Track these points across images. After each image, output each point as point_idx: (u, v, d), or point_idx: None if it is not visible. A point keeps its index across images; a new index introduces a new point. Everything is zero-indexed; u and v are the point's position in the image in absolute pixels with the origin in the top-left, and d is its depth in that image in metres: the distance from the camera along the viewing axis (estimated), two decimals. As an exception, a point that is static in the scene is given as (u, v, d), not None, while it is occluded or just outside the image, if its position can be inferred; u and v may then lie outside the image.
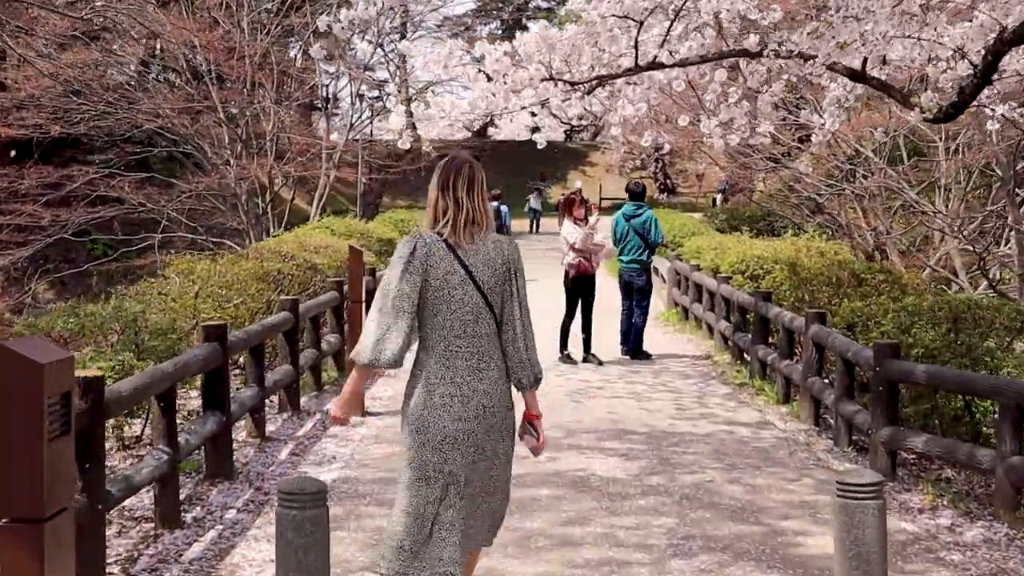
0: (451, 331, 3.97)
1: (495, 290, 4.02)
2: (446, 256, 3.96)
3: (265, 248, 10.68)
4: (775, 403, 9.69)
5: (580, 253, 11.52)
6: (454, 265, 3.95)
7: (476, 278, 3.98)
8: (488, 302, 4.00)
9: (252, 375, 7.69)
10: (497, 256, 4.04)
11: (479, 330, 4.00)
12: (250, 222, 24.64)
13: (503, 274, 4.04)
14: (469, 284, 3.97)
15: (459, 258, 3.96)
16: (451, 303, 3.95)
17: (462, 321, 3.97)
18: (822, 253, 12.38)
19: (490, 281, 4.01)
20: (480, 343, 4.00)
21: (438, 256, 3.95)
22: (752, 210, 31.68)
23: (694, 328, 14.59)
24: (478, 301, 3.98)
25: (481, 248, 4.01)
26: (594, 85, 9.94)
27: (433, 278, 3.94)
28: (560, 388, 10.18)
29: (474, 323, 3.98)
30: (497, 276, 4.02)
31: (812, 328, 8.71)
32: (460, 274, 3.96)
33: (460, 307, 3.96)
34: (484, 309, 4.00)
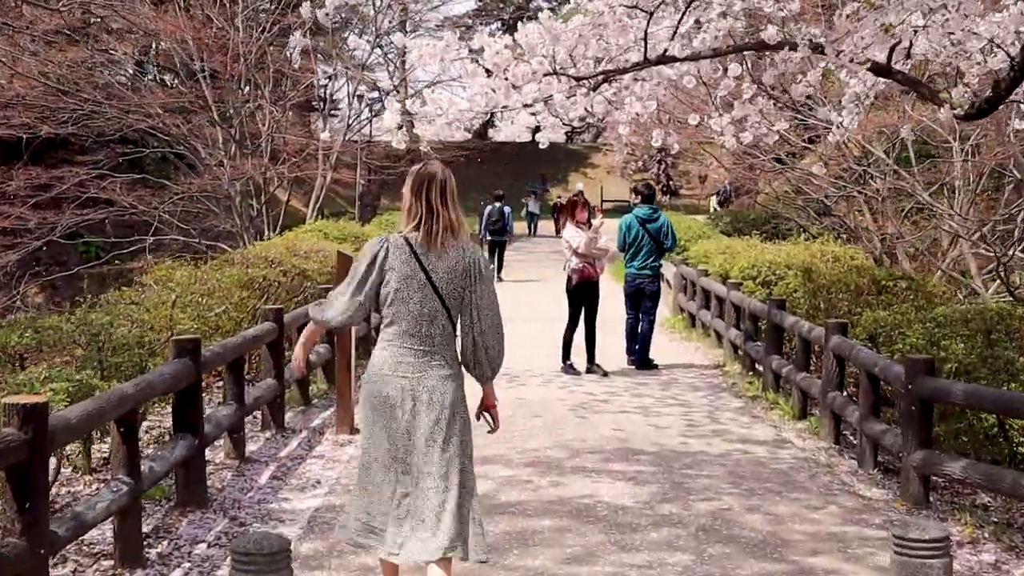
0: (407, 330, 4.22)
1: (453, 295, 4.26)
2: (408, 260, 4.21)
3: (251, 253, 10.10)
4: (791, 418, 9.11)
5: (583, 258, 10.95)
6: (415, 269, 4.20)
7: (435, 283, 4.22)
8: (445, 305, 4.25)
9: (231, 392, 7.12)
10: (459, 263, 4.26)
11: (433, 331, 4.25)
12: (244, 224, 24.07)
13: (463, 281, 4.27)
14: (428, 288, 4.21)
15: (420, 262, 4.21)
16: (409, 304, 4.20)
17: (418, 322, 4.22)
18: (837, 258, 11.81)
19: (449, 287, 4.24)
20: (434, 342, 4.26)
21: (401, 260, 4.21)
22: (757, 213, 31.12)
23: (701, 336, 14.01)
24: (436, 304, 4.23)
25: (445, 254, 4.24)
26: (600, 80, 9.37)
27: (396, 279, 4.19)
28: (563, 402, 9.60)
29: (429, 324, 4.24)
30: (456, 282, 4.26)
31: (833, 339, 8.14)
32: (420, 278, 4.20)
33: (418, 308, 4.21)
34: (441, 312, 4.25)
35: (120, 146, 24.38)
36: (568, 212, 11.22)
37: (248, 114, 23.55)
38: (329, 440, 7.96)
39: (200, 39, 22.93)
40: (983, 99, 7.72)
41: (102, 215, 24.06)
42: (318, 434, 8.19)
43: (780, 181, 26.70)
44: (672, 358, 12.48)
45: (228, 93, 23.46)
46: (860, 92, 9.55)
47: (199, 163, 24.40)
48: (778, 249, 12.54)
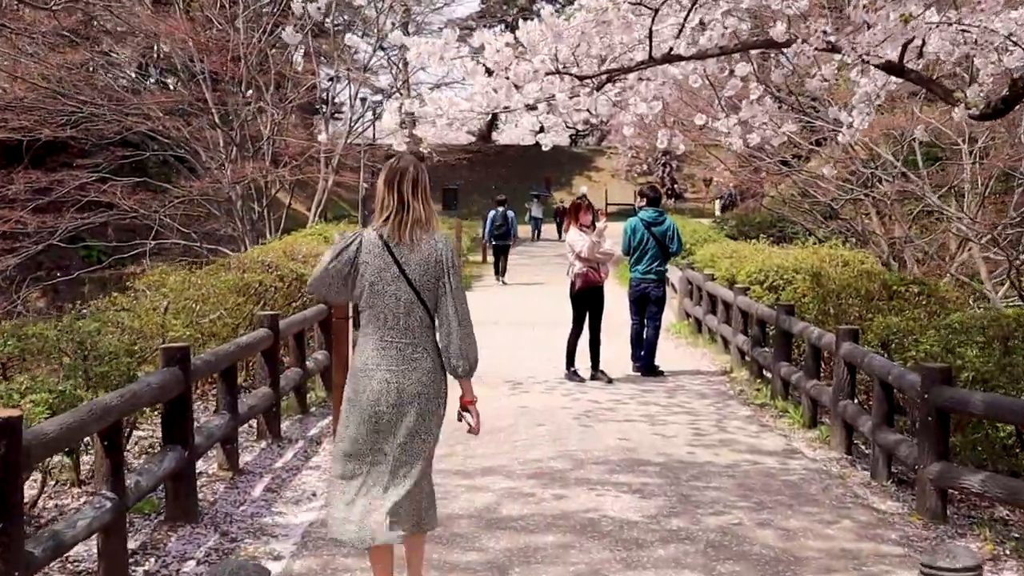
0: (385, 323, 4.31)
1: (428, 286, 4.31)
2: (381, 253, 4.28)
3: (248, 258, 9.87)
4: (801, 427, 8.88)
5: (587, 263, 10.72)
6: (388, 261, 4.27)
7: (408, 275, 4.27)
8: (420, 298, 4.30)
9: (223, 401, 6.90)
10: (431, 255, 4.31)
11: (411, 323, 4.32)
12: (245, 228, 23.87)
13: (435, 272, 4.31)
14: (402, 280, 4.27)
15: (393, 255, 4.27)
16: (384, 297, 4.28)
17: (395, 314, 4.30)
18: (846, 263, 11.58)
19: (422, 278, 4.29)
20: (413, 334, 4.33)
21: (373, 253, 4.29)
22: (762, 216, 30.86)
23: (708, 341, 13.77)
24: (411, 296, 4.29)
25: (417, 247, 4.29)
26: (604, 80, 9.16)
27: (369, 273, 4.28)
28: (567, 410, 9.36)
29: (406, 316, 4.31)
30: (429, 274, 4.30)
31: (844, 346, 7.91)
32: (393, 271, 4.27)
33: (393, 301, 4.28)
34: (416, 304, 4.30)
35: (120, 149, 24.17)
36: (571, 215, 10.99)
37: (249, 117, 23.33)
38: (326, 450, 7.73)
39: (200, 41, 22.75)
40: (999, 99, 7.51)
41: (102, 219, 23.85)
42: (315, 444, 7.96)
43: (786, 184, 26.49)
44: (678, 364, 12.26)
45: (229, 95, 23.25)
46: (871, 92, 9.33)
47: (200, 166, 24.20)
48: (786, 253, 12.30)
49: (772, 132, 10.54)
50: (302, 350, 8.93)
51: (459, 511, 6.19)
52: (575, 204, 11.08)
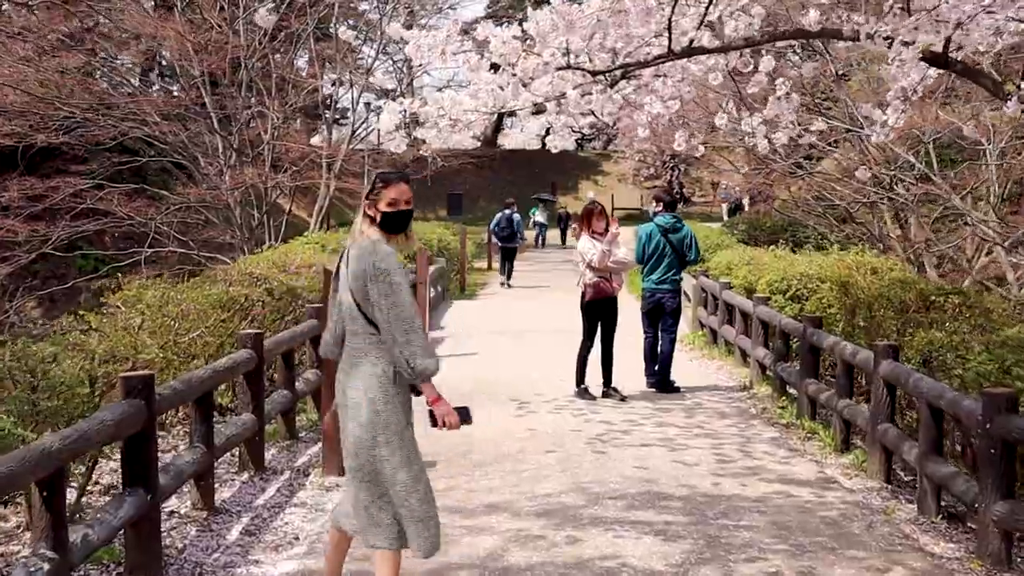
0: (345, 326, 4.51)
1: (360, 294, 4.38)
2: (342, 263, 4.56)
3: (235, 270, 9.18)
4: (833, 451, 8.16)
5: (599, 272, 10.01)
6: (343, 271, 4.51)
7: (349, 282, 4.42)
8: (360, 307, 4.39)
9: (197, 433, 6.19)
10: (359, 264, 4.37)
11: (356, 328, 4.44)
12: (244, 235, 23.19)
13: (363, 281, 4.34)
14: (346, 289, 4.45)
15: (342, 266, 4.54)
16: (340, 305, 4.52)
17: (344, 318, 4.49)
18: (874, 270, 10.84)
19: (355, 285, 4.39)
20: (358, 341, 4.44)
21: (343, 263, 4.54)
22: (773, 220, 30.12)
23: (724, 354, 13.04)
24: (351, 303, 4.43)
25: (353, 255, 4.43)
26: (618, 76, 8.47)
27: (335, 286, 4.60)
28: (578, 434, 8.64)
29: (352, 321, 4.45)
30: (359, 281, 4.36)
31: (884, 365, 7.19)
32: (342, 279, 4.50)
33: (341, 309, 4.51)
34: (356, 311, 4.41)
35: (116, 155, 23.54)
36: (583, 222, 10.27)
37: (246, 121, 22.65)
38: (314, 484, 7.03)
39: (199, 43, 22.10)
40: (1059, 91, 6.80)
41: (97, 227, 23.20)
42: (302, 476, 7.25)
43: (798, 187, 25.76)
44: (694, 379, 11.53)
45: (228, 99, 22.59)
46: (908, 87, 8.62)
47: (197, 172, 23.55)
48: (809, 260, 11.57)
49: (799, 131, 9.84)
50: (291, 370, 8.22)
51: (459, 559, 5.47)
52: (587, 210, 10.36)
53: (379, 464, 4.34)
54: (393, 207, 4.46)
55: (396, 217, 4.47)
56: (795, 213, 24.96)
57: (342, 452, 4.57)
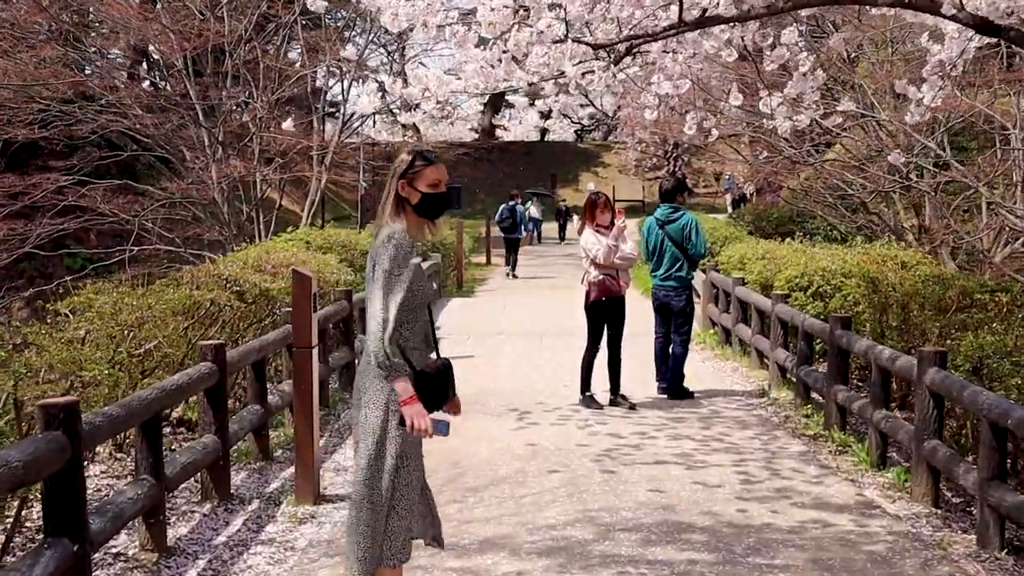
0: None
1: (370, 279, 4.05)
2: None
3: (204, 271, 8.32)
4: (869, 467, 7.31)
5: (604, 269, 9.14)
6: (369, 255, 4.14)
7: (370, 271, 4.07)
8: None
9: (144, 463, 5.33)
10: (374, 249, 4.03)
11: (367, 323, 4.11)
12: (231, 231, 22.32)
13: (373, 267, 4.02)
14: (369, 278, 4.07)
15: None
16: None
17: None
18: (903, 264, 9.98)
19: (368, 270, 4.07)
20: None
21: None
22: (780, 211, 29.23)
23: (738, 354, 12.18)
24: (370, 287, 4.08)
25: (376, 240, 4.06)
26: (623, 52, 7.61)
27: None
28: (584, 449, 7.78)
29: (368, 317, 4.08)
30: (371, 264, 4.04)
31: (930, 373, 6.33)
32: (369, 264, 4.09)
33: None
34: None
35: (98, 150, 22.65)
36: (586, 215, 9.40)
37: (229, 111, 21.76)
38: (285, 515, 6.17)
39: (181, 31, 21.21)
40: None
41: (78, 224, 22.34)
42: (273, 505, 6.39)
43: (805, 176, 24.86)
44: (708, 382, 10.68)
45: (212, 89, 21.70)
46: (947, 60, 7.77)
47: (182, 167, 22.68)
48: (831, 254, 10.70)
49: (823, 111, 8.97)
50: (263, 383, 7.36)
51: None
52: (590, 201, 9.47)
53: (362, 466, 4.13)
54: (435, 188, 4.09)
55: (437, 200, 4.10)
56: (804, 203, 24.06)
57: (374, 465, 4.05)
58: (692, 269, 10.09)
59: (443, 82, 8.12)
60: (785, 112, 8.34)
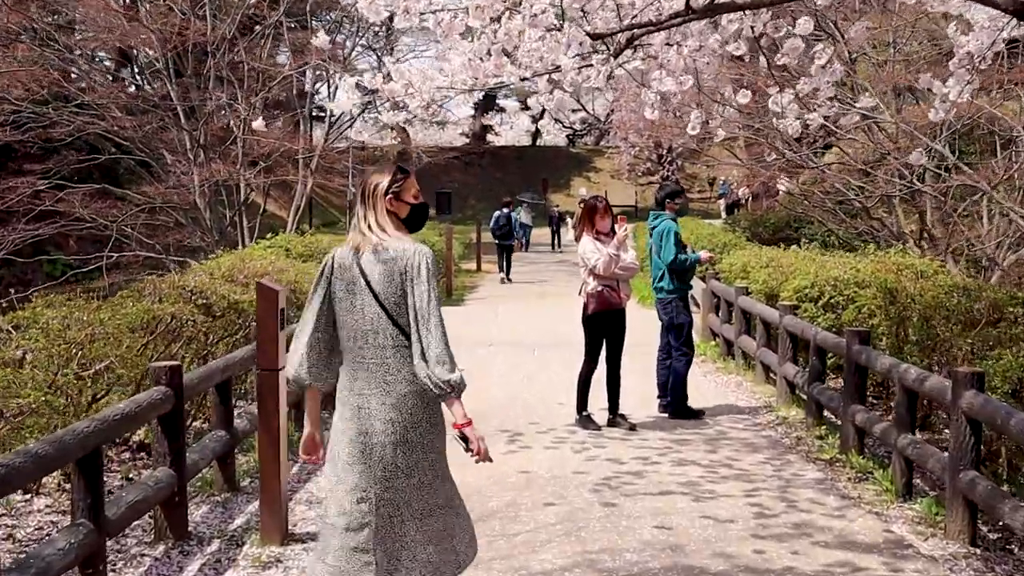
0: (355, 342, 3.91)
1: (392, 299, 3.87)
2: (351, 266, 3.93)
3: (168, 282, 7.64)
4: (893, 496, 6.67)
5: (604, 280, 8.50)
6: (356, 276, 3.91)
7: (373, 287, 3.88)
8: (388, 312, 3.87)
9: (81, 504, 4.66)
10: (397, 263, 3.88)
11: (381, 341, 3.88)
12: (214, 238, 21.65)
13: (401, 282, 3.87)
14: (367, 293, 3.89)
15: (361, 268, 3.90)
16: (353, 313, 3.91)
17: (363, 331, 3.89)
18: (920, 274, 9.35)
19: (387, 290, 3.87)
20: (386, 354, 3.87)
21: (344, 267, 3.95)
22: (777, 216, 28.64)
23: (742, 368, 11.54)
24: (376, 311, 3.88)
25: (383, 256, 3.89)
26: (623, 43, 6.97)
27: (339, 289, 3.94)
28: (582, 477, 7.11)
29: (374, 334, 3.88)
30: (395, 284, 3.87)
31: (967, 397, 5.70)
32: (360, 283, 3.90)
33: (360, 318, 3.90)
34: (384, 319, 3.87)
35: (75, 153, 21.96)
36: (584, 221, 8.74)
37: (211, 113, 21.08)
38: (248, 557, 5.49)
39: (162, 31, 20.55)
40: None
41: (53, 230, 21.65)
42: (235, 545, 5.71)
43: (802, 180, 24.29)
44: (711, 398, 10.03)
45: (194, 90, 21.02)
46: (975, 51, 7.16)
47: (163, 171, 22.01)
48: (843, 262, 10.06)
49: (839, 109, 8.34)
50: (228, 406, 6.68)
51: None
52: (589, 206, 8.79)
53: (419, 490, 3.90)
54: (418, 199, 4.08)
55: (422, 210, 4.10)
56: (803, 208, 23.46)
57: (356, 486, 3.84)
58: (679, 280, 9.32)
59: (428, 78, 7.49)
60: (796, 111, 7.73)
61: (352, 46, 27.58)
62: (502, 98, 62.17)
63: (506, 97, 64.03)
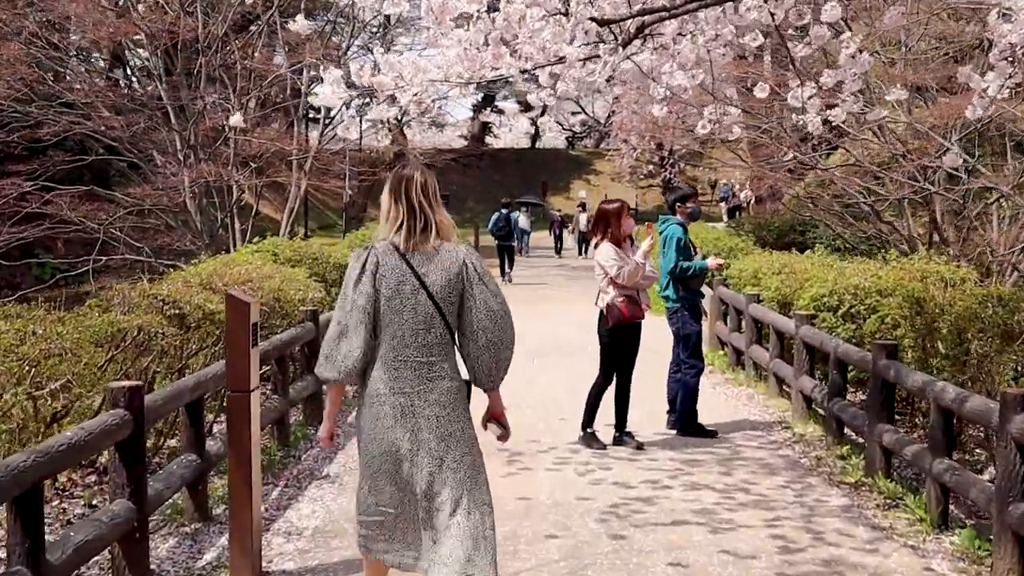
0: (401, 341, 3.94)
1: (449, 299, 3.98)
2: (398, 265, 3.96)
3: (140, 291, 7.05)
4: (929, 527, 6.09)
5: (626, 290, 7.85)
6: (406, 274, 3.95)
7: (428, 286, 3.95)
8: (441, 311, 3.96)
9: (18, 548, 4.07)
10: (452, 264, 4.00)
11: (430, 339, 3.97)
12: (204, 241, 21.05)
13: (457, 282, 3.99)
14: (422, 292, 3.94)
15: (411, 266, 3.95)
16: (403, 312, 3.94)
17: (413, 331, 3.94)
18: (943, 280, 8.77)
19: (444, 290, 3.97)
20: (431, 352, 3.97)
21: (389, 266, 3.96)
22: (782, 220, 28.06)
23: (753, 379, 10.96)
24: (430, 310, 3.95)
25: (435, 256, 3.99)
26: (632, 32, 6.40)
27: (386, 288, 3.94)
28: (587, 505, 6.52)
29: (425, 332, 3.96)
30: (452, 284, 3.98)
31: (1017, 421, 5.12)
32: (412, 283, 3.95)
33: (412, 316, 3.94)
34: (437, 318, 3.97)
35: (62, 153, 21.36)
36: (600, 226, 8.08)
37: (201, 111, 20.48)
38: (217, 603, 4.91)
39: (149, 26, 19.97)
40: None
41: (40, 232, 21.07)
42: (202, 587, 5.13)
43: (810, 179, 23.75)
44: (721, 413, 9.45)
45: (183, 89, 20.44)
46: (1019, 42, 6.63)
47: (152, 173, 21.41)
48: (863, 269, 9.47)
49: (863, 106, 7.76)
50: (199, 428, 6.09)
51: None
52: (610, 210, 8.06)
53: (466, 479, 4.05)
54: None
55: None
56: (809, 212, 22.89)
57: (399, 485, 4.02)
58: (685, 288, 8.71)
59: (420, 70, 6.91)
60: (818, 105, 7.16)
61: (347, 46, 26.96)
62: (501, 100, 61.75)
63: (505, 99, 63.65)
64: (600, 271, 7.94)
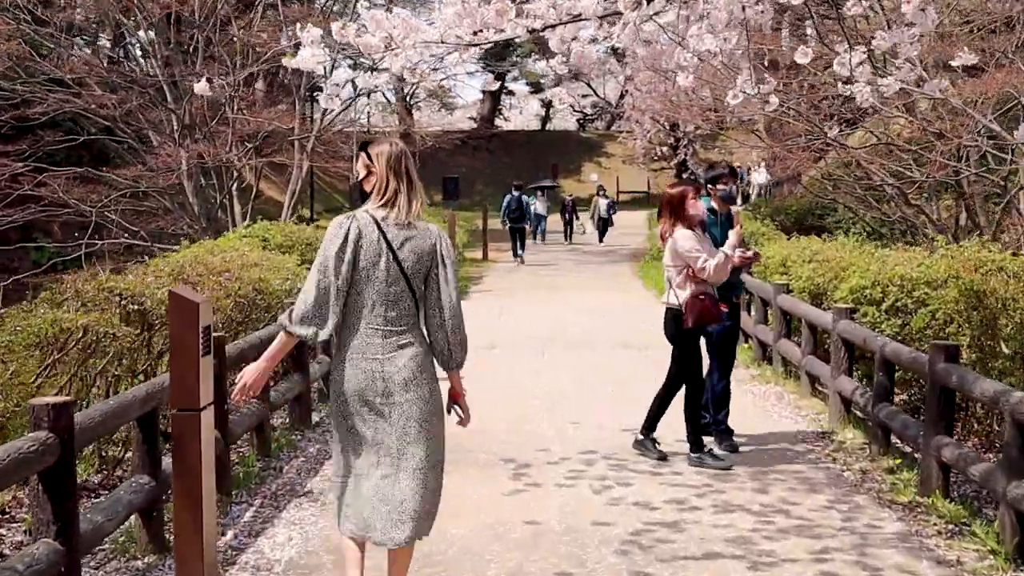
0: (372, 310, 4.03)
1: (419, 275, 4.08)
2: (376, 236, 4.02)
3: (97, 284, 6.19)
4: (1003, 561, 5.21)
5: (704, 285, 6.94)
6: (381, 246, 4.01)
7: (400, 260, 4.03)
8: (411, 285, 4.06)
9: None
10: (425, 243, 4.09)
11: (400, 310, 4.06)
12: (201, 224, 20.24)
13: (429, 260, 4.09)
14: (394, 265, 4.02)
15: (387, 240, 4.02)
16: (375, 283, 4.02)
17: (383, 301, 4.03)
18: (1001, 269, 7.86)
19: (415, 266, 4.06)
20: (400, 322, 4.07)
21: (369, 237, 4.02)
22: (799, 203, 27.10)
23: (782, 376, 10.08)
24: (401, 283, 4.04)
25: (412, 231, 4.07)
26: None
27: (362, 257, 4.01)
28: (605, 531, 5.65)
29: (395, 304, 4.05)
30: (423, 262, 4.08)
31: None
32: (387, 255, 4.01)
33: (383, 287, 4.02)
34: (406, 291, 4.06)
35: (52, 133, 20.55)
36: (667, 211, 7.10)
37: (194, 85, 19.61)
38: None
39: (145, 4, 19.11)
40: None
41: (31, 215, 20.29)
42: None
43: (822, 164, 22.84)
44: (750, 416, 8.57)
45: (178, 64, 19.57)
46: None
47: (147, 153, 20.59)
48: (909, 258, 8.56)
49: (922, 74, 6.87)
50: (154, 445, 5.24)
51: None
52: (678, 195, 7.07)
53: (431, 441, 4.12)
54: None
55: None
56: (831, 194, 21.94)
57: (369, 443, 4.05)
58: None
59: (412, 28, 6.05)
60: (868, 74, 6.27)
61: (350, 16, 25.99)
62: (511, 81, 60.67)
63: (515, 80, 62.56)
64: (674, 263, 6.97)
